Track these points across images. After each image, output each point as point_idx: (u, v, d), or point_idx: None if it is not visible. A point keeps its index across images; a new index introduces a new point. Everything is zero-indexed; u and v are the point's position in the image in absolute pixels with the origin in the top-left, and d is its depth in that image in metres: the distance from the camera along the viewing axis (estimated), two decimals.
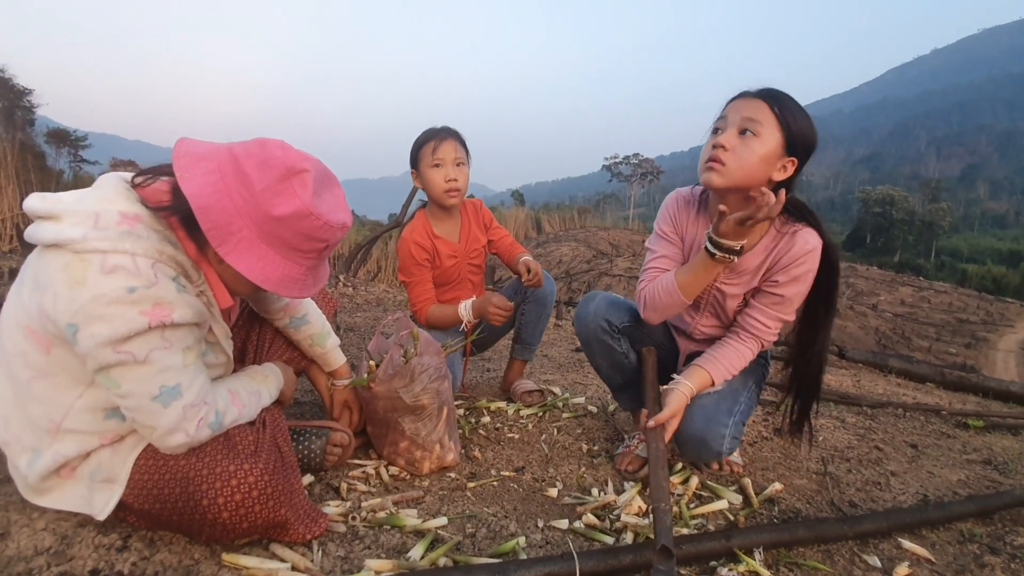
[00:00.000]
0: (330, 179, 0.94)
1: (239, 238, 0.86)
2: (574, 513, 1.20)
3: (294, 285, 0.93)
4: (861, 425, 2.14)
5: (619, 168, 69.73)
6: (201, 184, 0.84)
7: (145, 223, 0.86)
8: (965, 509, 1.24)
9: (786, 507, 1.28)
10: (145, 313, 0.82)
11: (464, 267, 1.87)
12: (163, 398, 0.86)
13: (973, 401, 4.13)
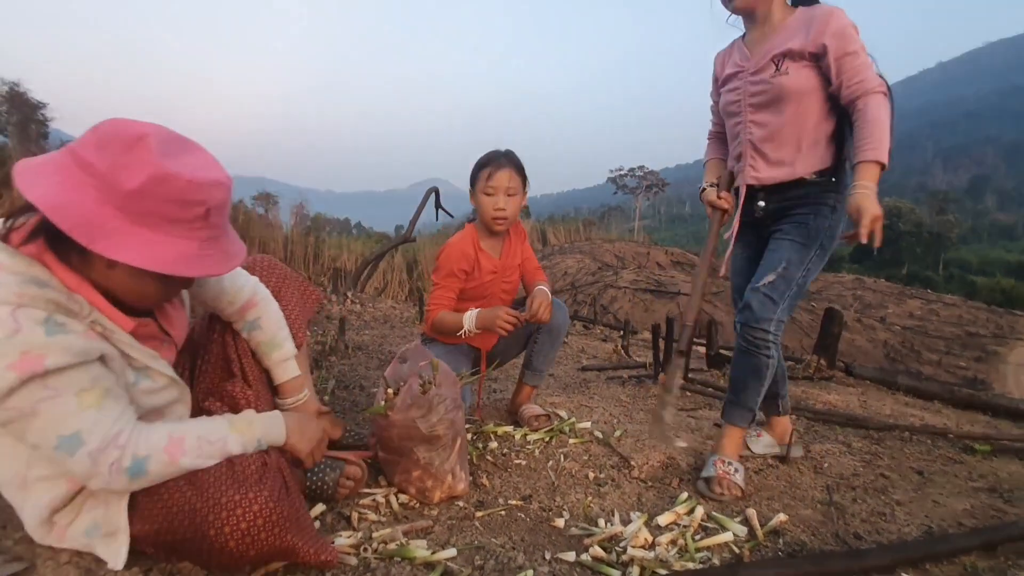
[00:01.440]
0: (184, 142, 0.87)
1: (109, 229, 0.79)
2: (581, 545, 1.22)
3: (195, 262, 0.86)
4: (867, 450, 2.15)
5: (624, 180, 69.96)
6: (45, 187, 0.78)
7: (5, 269, 0.81)
8: (969, 543, 1.25)
9: (791, 539, 1.29)
10: (12, 367, 0.77)
11: (500, 284, 1.90)
12: (64, 447, 0.83)
13: (982, 421, 4.10)
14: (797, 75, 1.48)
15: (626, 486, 1.52)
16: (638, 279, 20.47)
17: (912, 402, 4.42)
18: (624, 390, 2.66)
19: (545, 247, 27.47)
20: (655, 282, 19.96)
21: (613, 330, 8.44)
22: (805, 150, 1.52)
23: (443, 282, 1.80)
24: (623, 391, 2.64)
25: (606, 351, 4.47)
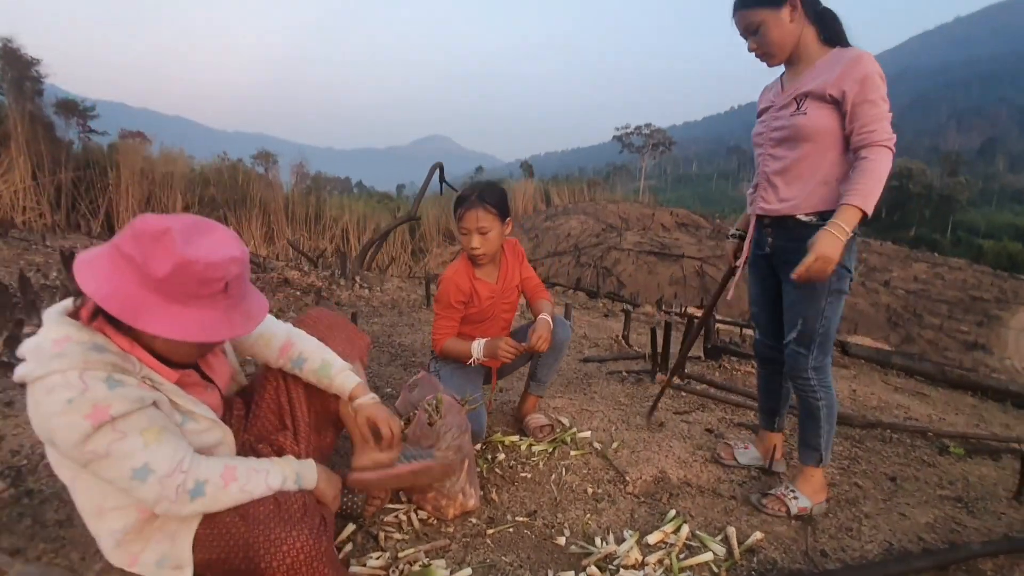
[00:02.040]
0: (202, 225, 1.03)
1: (147, 308, 0.97)
2: (579, 564, 1.39)
3: (218, 327, 1.03)
4: (847, 454, 2.31)
5: (630, 139, 68.68)
6: (96, 281, 0.97)
7: (73, 340, 0.99)
8: (923, 564, 1.42)
9: (764, 557, 1.47)
10: (87, 417, 0.96)
11: (499, 306, 2.03)
12: (138, 478, 1.01)
13: (969, 404, 4.29)
14: (815, 115, 1.52)
15: (621, 502, 1.69)
16: (642, 241, 20.49)
17: (903, 385, 4.60)
18: (623, 388, 2.82)
19: (549, 208, 27.37)
20: (659, 244, 19.99)
21: (616, 302, 8.60)
22: (813, 188, 1.56)
23: (443, 312, 1.93)
24: (622, 390, 2.80)
25: (609, 334, 4.62)
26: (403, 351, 3.27)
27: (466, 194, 1.86)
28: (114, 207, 11.89)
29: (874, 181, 1.43)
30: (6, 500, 1.40)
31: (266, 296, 4.26)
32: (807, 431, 1.70)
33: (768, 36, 1.53)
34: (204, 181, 14.08)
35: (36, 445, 1.67)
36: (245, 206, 13.99)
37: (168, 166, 13.32)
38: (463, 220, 1.84)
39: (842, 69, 1.48)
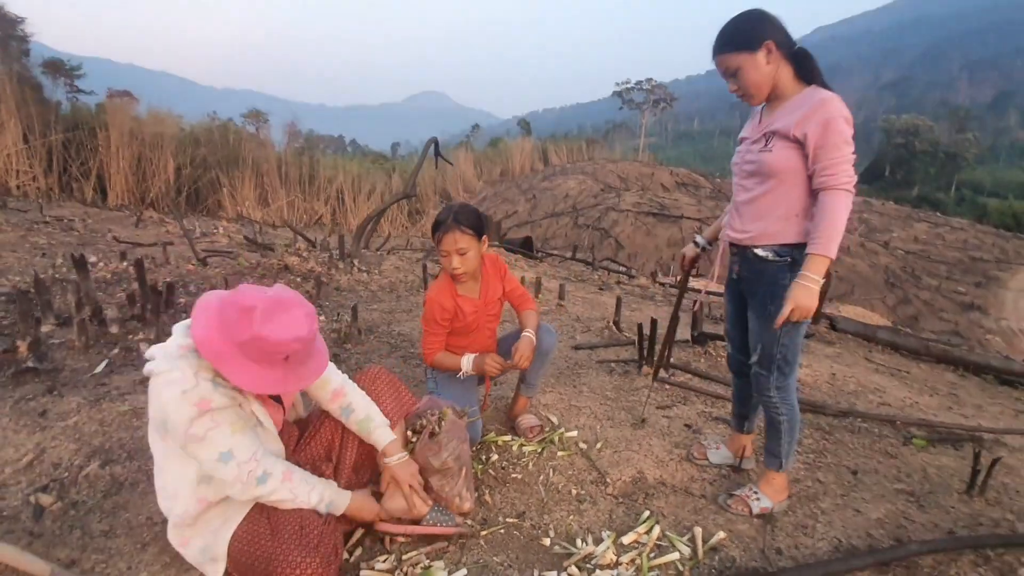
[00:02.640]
0: (284, 304, 1.29)
1: (227, 357, 1.25)
2: (562, 564, 1.59)
3: (275, 383, 1.31)
4: (815, 448, 2.50)
5: (631, 95, 67.03)
6: (199, 330, 1.26)
7: (193, 350, 1.29)
8: (864, 562, 1.61)
9: (724, 556, 1.66)
10: (195, 405, 1.25)
11: (483, 318, 2.17)
12: (222, 460, 1.28)
13: (947, 382, 4.49)
14: (781, 154, 1.60)
15: (601, 503, 1.88)
16: (641, 202, 20.41)
17: (884, 364, 4.78)
18: (611, 380, 3.00)
19: (547, 167, 27.11)
20: (658, 205, 19.93)
21: (611, 273, 8.73)
22: (770, 223, 1.67)
23: (430, 329, 2.08)
24: (610, 382, 2.97)
25: (602, 312, 4.77)
26: (402, 341, 3.43)
27: (442, 218, 1.96)
28: (105, 169, 11.86)
29: (834, 227, 1.54)
30: (56, 513, 1.58)
31: (267, 282, 4.38)
32: (770, 440, 1.87)
33: (746, 79, 1.61)
34: (195, 141, 13.93)
35: (74, 457, 1.84)
36: (238, 167, 13.89)
37: (157, 126, 13.16)
38: (442, 243, 1.95)
39: (807, 111, 1.55)
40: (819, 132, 1.53)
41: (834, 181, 1.54)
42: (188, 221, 9.63)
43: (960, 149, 59.42)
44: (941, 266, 21.27)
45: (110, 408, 2.19)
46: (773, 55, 1.59)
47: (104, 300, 3.42)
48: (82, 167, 11.73)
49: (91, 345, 2.73)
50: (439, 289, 2.07)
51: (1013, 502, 2.19)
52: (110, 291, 3.77)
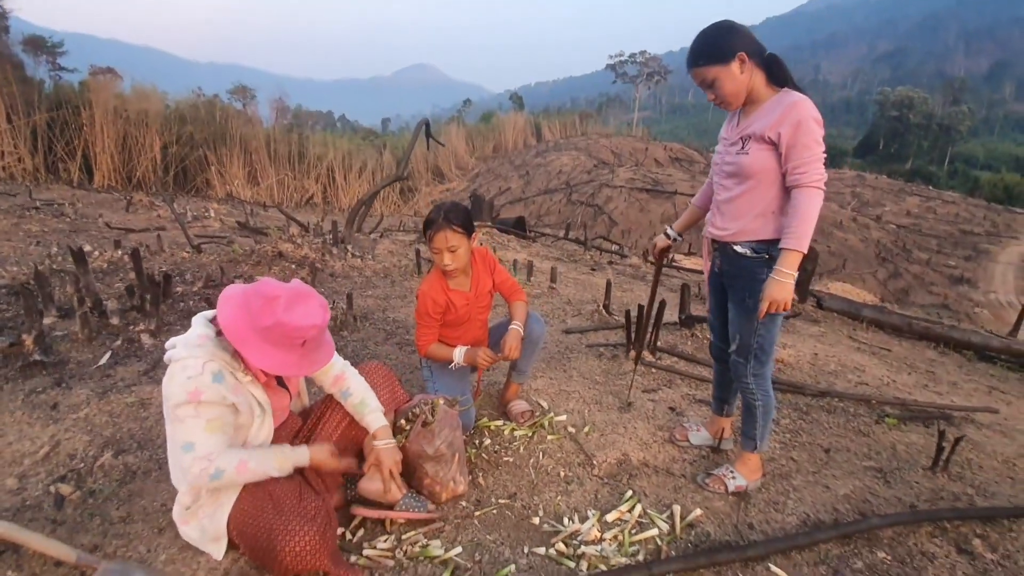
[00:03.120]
0: (303, 296, 1.43)
1: (250, 343, 1.39)
2: (550, 541, 1.71)
3: (292, 365, 1.45)
4: (792, 427, 2.64)
5: (624, 68, 66.18)
6: (225, 317, 1.40)
7: (209, 338, 1.45)
8: (827, 535, 1.75)
9: (700, 531, 1.79)
10: (188, 392, 1.37)
11: (474, 310, 2.26)
12: (184, 448, 1.39)
13: (927, 359, 4.65)
14: (757, 156, 1.70)
15: (588, 484, 2.01)
16: (634, 178, 20.37)
17: (867, 343, 4.93)
18: (600, 364, 3.11)
19: (540, 143, 26.95)
20: (652, 180, 19.91)
21: (603, 253, 8.82)
22: (748, 221, 1.77)
23: (423, 322, 2.18)
24: (599, 366, 3.09)
25: (594, 294, 4.88)
26: (397, 328, 3.52)
27: (433, 217, 2.04)
28: (91, 148, 11.74)
29: (805, 223, 1.64)
30: (76, 502, 1.69)
31: (262, 270, 4.42)
32: (746, 423, 1.99)
33: (722, 89, 1.69)
34: (180, 119, 13.72)
35: (88, 448, 1.94)
36: (225, 145, 13.75)
37: (142, 103, 12.98)
38: (433, 241, 2.03)
39: (780, 113, 1.64)
40: (791, 132, 1.62)
41: (805, 179, 1.63)
42: (178, 203, 9.60)
43: (954, 122, 59.31)
44: (932, 240, 21.54)
45: (118, 400, 2.28)
46: (746, 64, 1.66)
47: (103, 291, 3.48)
48: (67, 147, 11.61)
49: (94, 337, 2.81)
50: (431, 284, 2.16)
51: (975, 477, 2.34)
52: (107, 281, 3.83)
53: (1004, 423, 3.05)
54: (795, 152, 1.63)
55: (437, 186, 21.36)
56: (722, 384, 2.21)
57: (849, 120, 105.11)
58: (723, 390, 2.22)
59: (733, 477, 2.00)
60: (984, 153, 64.63)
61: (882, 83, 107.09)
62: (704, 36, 1.67)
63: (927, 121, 57.95)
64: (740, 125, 1.77)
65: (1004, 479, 2.35)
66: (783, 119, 1.63)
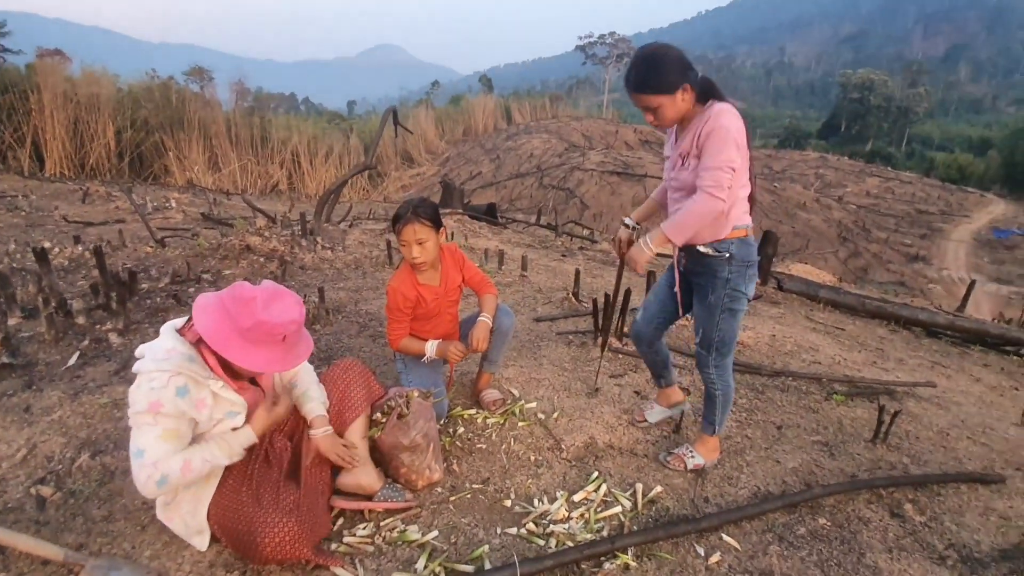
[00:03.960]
0: (278, 294, 1.50)
1: (232, 344, 1.45)
2: (520, 522, 1.83)
3: (277, 362, 1.51)
4: (748, 406, 2.80)
5: (594, 49, 65.99)
6: (204, 325, 1.44)
7: (179, 352, 1.48)
8: (774, 505, 1.91)
9: (660, 507, 1.93)
10: (149, 402, 1.41)
11: (444, 303, 2.34)
12: (135, 455, 1.43)
13: (878, 337, 4.92)
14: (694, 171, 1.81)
15: (556, 467, 2.13)
16: (605, 161, 20.53)
17: (823, 323, 5.18)
18: (569, 352, 3.23)
19: (510, 126, 26.83)
20: (622, 164, 20.10)
21: (574, 239, 8.95)
22: (706, 225, 1.86)
23: (394, 317, 2.24)
24: (568, 353, 3.21)
25: (564, 280, 4.99)
26: (371, 320, 3.57)
27: (402, 212, 2.10)
28: (40, 135, 11.25)
29: (687, 220, 1.78)
30: (57, 503, 1.72)
31: (230, 264, 4.39)
32: (707, 409, 2.14)
33: (665, 116, 1.80)
34: (134, 102, 13.20)
35: (65, 450, 1.96)
36: (183, 129, 13.30)
37: (92, 86, 12.44)
38: (402, 234, 2.09)
39: (702, 126, 1.77)
40: (704, 140, 1.76)
41: (702, 183, 1.75)
42: (136, 192, 9.31)
43: (912, 104, 61.21)
44: (890, 219, 22.41)
45: (90, 401, 2.28)
46: (687, 94, 1.78)
47: (66, 290, 3.42)
48: (15, 134, 11.09)
49: (61, 338, 2.78)
50: (401, 279, 2.22)
51: (911, 447, 2.55)
52: (70, 279, 3.76)
53: (942, 396, 3.30)
54: (703, 158, 1.75)
55: (407, 171, 21.11)
56: (653, 363, 2.37)
57: (813, 102, 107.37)
58: (655, 367, 2.38)
59: (692, 456, 2.15)
60: (940, 134, 67.02)
61: (845, 65, 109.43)
62: (651, 66, 1.74)
63: (887, 103, 59.69)
64: (677, 143, 1.91)
65: (937, 448, 2.57)
66: (702, 129, 1.76)
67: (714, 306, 1.91)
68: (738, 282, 1.90)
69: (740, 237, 1.88)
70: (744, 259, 1.90)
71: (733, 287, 1.90)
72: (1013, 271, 17.42)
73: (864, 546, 1.81)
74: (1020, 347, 4.93)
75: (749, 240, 1.91)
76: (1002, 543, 1.88)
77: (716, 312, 1.92)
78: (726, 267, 1.88)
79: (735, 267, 1.89)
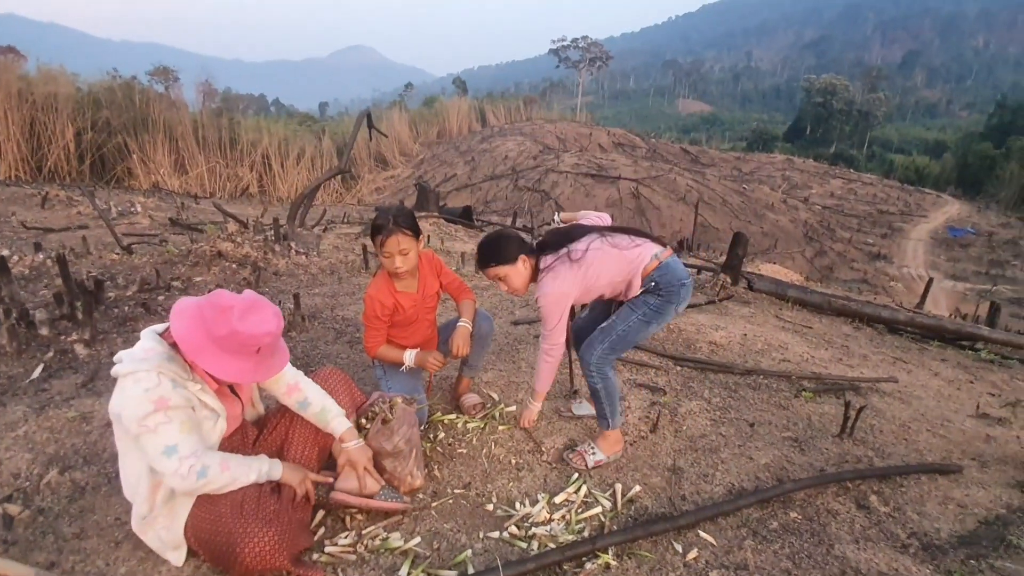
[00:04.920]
0: (257, 305, 1.49)
1: (206, 352, 1.44)
2: (503, 525, 1.84)
3: (248, 372, 1.50)
4: (722, 404, 2.88)
5: (567, 53, 66.58)
6: (179, 329, 1.44)
7: (158, 352, 1.48)
8: (748, 501, 1.97)
9: (639, 506, 1.98)
10: (152, 401, 1.41)
11: (422, 310, 2.34)
12: (167, 453, 1.43)
13: (843, 335, 5.08)
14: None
15: (537, 469, 2.15)
16: (579, 163, 20.70)
17: (791, 321, 5.32)
18: None
19: (484, 128, 26.84)
20: (596, 166, 20.30)
21: None
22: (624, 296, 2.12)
23: (371, 324, 2.24)
24: None
25: None
26: (347, 326, 3.54)
27: (382, 223, 2.09)
28: None
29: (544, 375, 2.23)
30: (26, 521, 1.66)
31: (201, 271, 4.29)
32: (596, 406, 2.24)
33: (512, 284, 2.11)
34: (95, 103, 12.78)
35: (32, 466, 1.90)
36: (148, 131, 12.93)
37: (49, 85, 12.01)
38: (385, 246, 2.08)
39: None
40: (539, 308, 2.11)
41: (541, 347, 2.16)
42: (99, 196, 9.01)
43: (872, 108, 63.46)
44: (853, 219, 23.19)
45: (57, 415, 2.22)
46: (527, 261, 2.09)
47: (28, 300, 3.30)
48: None
49: (23, 350, 2.69)
50: (378, 287, 2.22)
51: (876, 440, 2.66)
52: (32, 289, 3.63)
53: (903, 391, 3.44)
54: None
55: (381, 173, 20.93)
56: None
57: (779, 106, 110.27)
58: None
59: (593, 453, 2.21)
60: (898, 137, 69.67)
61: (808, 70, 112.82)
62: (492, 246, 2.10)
63: (848, 107, 61.75)
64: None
65: (900, 441, 2.69)
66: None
67: (638, 306, 2.07)
68: (669, 298, 2.05)
69: (654, 268, 2.05)
70: (670, 282, 2.04)
71: (664, 302, 2.06)
72: (968, 268, 18.20)
73: (833, 538, 1.88)
74: (975, 342, 5.16)
75: (666, 264, 2.06)
76: (960, 530, 1.98)
77: (637, 312, 2.07)
78: (652, 297, 2.06)
79: (664, 290, 2.04)
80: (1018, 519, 2.05)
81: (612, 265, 2.04)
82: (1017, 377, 4.14)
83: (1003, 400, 3.43)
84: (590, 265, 2.03)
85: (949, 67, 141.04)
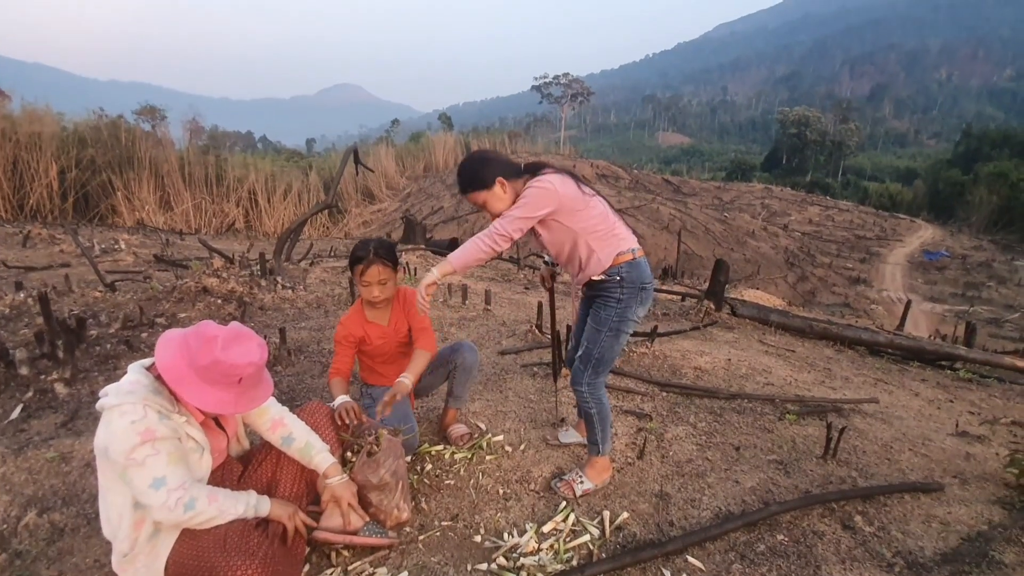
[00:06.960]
0: (242, 336, 1.50)
1: (187, 382, 1.44)
2: (491, 557, 1.83)
3: (229, 404, 1.49)
4: (708, 429, 2.90)
5: (549, 89, 68.47)
6: (162, 358, 1.45)
7: (143, 384, 1.47)
8: (735, 525, 1.98)
9: (628, 533, 1.97)
10: (139, 433, 1.39)
11: (392, 343, 2.37)
12: (154, 485, 1.41)
13: (825, 357, 5.15)
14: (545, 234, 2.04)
15: (525, 499, 2.15)
16: None
17: (775, 345, 5.39)
18: (534, 384, 3.28)
19: None
20: None
21: (536, 271, 9.09)
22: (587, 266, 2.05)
23: (337, 349, 2.31)
24: (533, 385, 3.26)
25: (527, 313, 5.06)
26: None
27: (362, 254, 2.15)
28: None
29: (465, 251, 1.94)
30: (2, 564, 1.62)
31: (186, 307, 4.28)
32: (588, 431, 2.23)
33: (493, 209, 2.01)
34: (80, 141, 12.81)
35: (9, 508, 1.86)
36: (133, 169, 12.95)
37: (34, 124, 12.05)
38: (365, 275, 2.15)
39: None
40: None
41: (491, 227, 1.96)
42: (82, 234, 8.96)
43: (844, 138, 65.75)
44: (832, 245, 23.73)
45: (36, 456, 2.18)
46: (507, 184, 1.99)
47: (8, 339, 3.26)
48: None
49: (2, 390, 2.65)
50: (350, 316, 2.31)
51: (859, 461, 2.69)
52: (12, 328, 3.58)
53: (885, 411, 3.50)
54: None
55: (368, 207, 21.07)
56: None
57: (755, 137, 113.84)
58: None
59: (581, 482, 2.20)
60: (871, 165, 72.05)
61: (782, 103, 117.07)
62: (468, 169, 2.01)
63: (822, 138, 63.89)
64: None
65: (883, 461, 2.72)
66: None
67: (603, 323, 2.05)
68: (629, 303, 2.04)
69: (627, 261, 2.04)
70: (634, 281, 2.04)
71: (624, 307, 2.04)
72: (944, 290, 18.61)
73: (820, 559, 1.89)
74: (954, 362, 5.27)
75: (637, 263, 2.06)
76: (943, 548, 2.00)
77: (603, 329, 2.06)
78: (618, 289, 2.03)
79: (627, 289, 2.03)
80: (999, 535, 2.07)
81: (600, 223, 2.00)
82: (995, 395, 4.22)
83: (982, 418, 3.50)
84: (589, 199, 2.00)
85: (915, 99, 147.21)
